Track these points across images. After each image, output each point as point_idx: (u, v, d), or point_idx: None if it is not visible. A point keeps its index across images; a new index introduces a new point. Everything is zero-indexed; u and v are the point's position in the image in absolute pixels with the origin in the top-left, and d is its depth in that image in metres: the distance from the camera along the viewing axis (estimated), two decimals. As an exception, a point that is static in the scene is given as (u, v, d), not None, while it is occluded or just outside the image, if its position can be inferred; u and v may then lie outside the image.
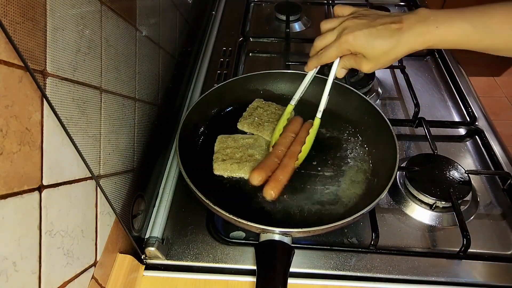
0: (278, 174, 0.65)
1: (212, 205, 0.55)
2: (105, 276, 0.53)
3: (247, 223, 0.53)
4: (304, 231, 0.53)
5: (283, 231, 0.53)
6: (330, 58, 0.60)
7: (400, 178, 0.73)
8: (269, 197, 0.63)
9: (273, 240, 0.53)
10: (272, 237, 0.53)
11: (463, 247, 0.61)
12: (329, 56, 0.60)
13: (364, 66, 0.58)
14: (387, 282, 0.60)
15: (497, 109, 2.37)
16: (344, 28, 0.57)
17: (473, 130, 0.84)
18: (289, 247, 0.53)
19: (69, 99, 0.41)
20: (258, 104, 0.80)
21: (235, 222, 0.54)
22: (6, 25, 0.32)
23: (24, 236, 0.35)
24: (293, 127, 0.73)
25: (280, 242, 0.53)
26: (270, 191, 0.63)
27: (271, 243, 0.53)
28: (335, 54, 0.59)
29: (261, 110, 0.78)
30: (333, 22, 0.60)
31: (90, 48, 0.45)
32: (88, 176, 0.46)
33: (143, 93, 0.63)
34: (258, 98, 0.81)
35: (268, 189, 0.63)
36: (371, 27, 0.54)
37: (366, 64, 0.57)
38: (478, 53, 0.54)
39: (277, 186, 0.63)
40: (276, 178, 0.64)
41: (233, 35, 1.12)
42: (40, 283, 0.38)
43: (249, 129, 0.75)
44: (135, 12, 0.59)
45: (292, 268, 0.52)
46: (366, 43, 0.54)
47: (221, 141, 0.72)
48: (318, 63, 0.63)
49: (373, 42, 0.54)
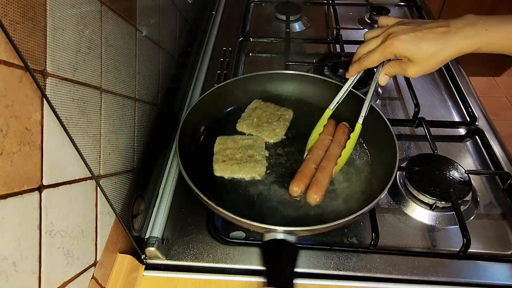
0: (319, 177, 0.64)
1: (215, 206, 0.55)
2: (105, 276, 0.53)
3: (251, 223, 0.53)
4: (308, 229, 0.53)
5: (287, 230, 0.53)
6: (373, 62, 0.60)
7: (400, 178, 0.73)
8: (314, 202, 0.63)
9: (278, 239, 0.53)
10: (276, 236, 0.53)
11: (463, 247, 0.61)
12: (373, 60, 0.60)
13: (410, 70, 0.57)
14: (387, 282, 0.60)
15: (497, 109, 2.37)
16: (389, 33, 0.57)
17: (473, 130, 0.84)
18: (294, 246, 0.53)
19: (69, 99, 0.41)
20: (257, 105, 0.80)
21: (238, 222, 0.54)
22: (6, 25, 0.32)
23: (24, 236, 0.35)
24: (329, 129, 0.72)
25: (285, 241, 0.53)
26: (314, 196, 0.62)
27: (276, 242, 0.53)
28: (378, 58, 0.59)
29: (260, 111, 0.78)
30: (377, 31, 0.60)
31: (90, 48, 0.45)
32: (88, 176, 0.46)
33: (143, 93, 0.63)
34: (257, 99, 0.81)
35: (311, 194, 0.63)
36: (417, 31, 0.55)
37: (412, 68, 0.57)
38: (478, 53, 0.54)
39: (320, 190, 0.63)
40: (318, 182, 0.63)
41: (233, 35, 1.12)
42: (40, 283, 0.38)
43: (248, 130, 0.75)
44: (135, 12, 0.59)
45: (292, 268, 0.52)
46: (412, 46, 0.55)
47: (221, 142, 0.72)
48: (360, 68, 0.63)
49: (420, 44, 0.54)
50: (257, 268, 0.62)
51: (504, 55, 0.54)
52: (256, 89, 0.82)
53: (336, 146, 0.69)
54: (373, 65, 0.61)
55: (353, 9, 1.26)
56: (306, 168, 0.66)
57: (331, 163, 0.66)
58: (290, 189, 0.64)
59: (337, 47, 1.07)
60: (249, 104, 0.80)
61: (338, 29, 1.09)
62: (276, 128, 0.75)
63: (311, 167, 0.66)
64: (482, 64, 2.29)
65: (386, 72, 0.62)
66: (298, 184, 0.64)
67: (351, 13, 1.24)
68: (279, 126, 0.75)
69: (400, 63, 0.59)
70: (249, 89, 0.81)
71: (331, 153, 0.68)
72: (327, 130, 0.72)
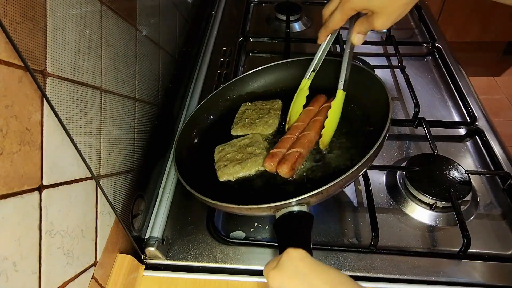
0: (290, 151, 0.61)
1: (219, 203, 0.54)
2: (105, 276, 0.53)
3: (258, 207, 0.51)
4: (317, 192, 0.50)
5: (297, 200, 0.50)
6: (337, 22, 0.58)
7: (400, 178, 0.73)
8: (283, 174, 0.60)
9: (290, 212, 0.51)
10: (287, 211, 0.51)
11: (463, 247, 0.61)
12: (336, 19, 0.58)
13: (376, 22, 0.54)
14: (387, 282, 0.60)
15: (497, 109, 2.37)
16: None
17: (473, 130, 0.84)
18: (308, 214, 0.51)
19: (69, 99, 0.41)
20: (245, 107, 0.80)
21: (247, 210, 0.52)
22: (6, 25, 0.32)
23: (24, 236, 0.35)
24: (316, 103, 0.69)
25: (298, 211, 0.51)
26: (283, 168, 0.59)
27: (290, 214, 0.51)
28: (340, 17, 0.57)
29: (249, 111, 0.78)
30: None
31: (90, 48, 0.45)
32: (88, 176, 0.46)
33: (143, 93, 0.63)
34: (244, 103, 0.81)
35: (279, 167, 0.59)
36: None
37: (378, 18, 0.53)
38: (478, 53, 0.54)
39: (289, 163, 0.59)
40: (291, 154, 0.60)
41: (233, 35, 1.12)
42: (40, 283, 0.38)
43: (243, 131, 0.75)
44: (135, 12, 0.59)
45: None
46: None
47: (219, 150, 0.72)
48: (326, 32, 0.62)
49: None
50: (257, 268, 0.62)
51: (504, 54, 0.53)
52: (239, 95, 0.82)
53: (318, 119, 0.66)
54: (338, 25, 0.59)
55: (353, 9, 1.26)
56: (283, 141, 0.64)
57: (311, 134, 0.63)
58: (265, 166, 0.62)
59: (337, 47, 1.08)
60: (238, 110, 0.80)
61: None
62: (268, 119, 0.75)
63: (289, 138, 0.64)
64: (482, 64, 2.29)
65: (357, 30, 0.59)
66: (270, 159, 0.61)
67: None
68: (271, 117, 0.75)
69: (366, 18, 0.56)
70: (232, 98, 0.81)
71: (311, 124, 0.65)
72: (315, 104, 0.69)
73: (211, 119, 0.80)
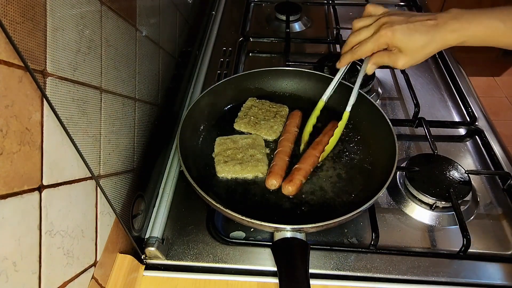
0: (296, 169, 0.65)
1: (223, 208, 0.55)
2: (105, 276, 0.53)
3: (260, 223, 0.53)
4: (317, 226, 0.53)
5: (297, 228, 0.53)
6: (366, 51, 0.61)
7: (400, 178, 0.73)
8: (286, 193, 0.64)
9: (287, 238, 0.53)
10: (285, 235, 0.54)
11: (463, 247, 0.61)
12: (366, 49, 0.60)
13: (399, 61, 0.58)
14: (387, 282, 0.60)
15: (497, 109, 2.37)
16: (382, 23, 0.58)
17: (473, 130, 0.84)
18: (305, 243, 0.53)
19: (69, 99, 0.41)
20: (252, 103, 0.80)
21: (248, 223, 0.55)
22: (6, 25, 0.31)
23: (24, 236, 0.35)
24: (294, 121, 0.74)
25: (295, 238, 0.53)
26: (288, 187, 0.63)
27: (286, 240, 0.53)
28: (371, 47, 0.60)
29: (255, 109, 0.79)
30: (367, 20, 0.61)
31: (90, 48, 0.45)
32: (88, 176, 0.46)
33: (143, 93, 0.63)
34: (251, 97, 0.81)
35: (285, 185, 0.63)
36: (409, 22, 0.56)
37: (402, 58, 0.58)
38: (478, 53, 0.56)
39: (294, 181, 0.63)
40: (293, 174, 0.64)
41: (233, 35, 1.12)
42: (40, 283, 0.38)
43: (246, 128, 0.75)
44: (135, 12, 0.59)
45: (292, 268, 0.52)
46: (405, 37, 0.56)
47: (220, 143, 0.72)
48: (352, 58, 0.64)
49: (412, 36, 0.56)
50: (257, 268, 0.62)
51: (504, 54, 0.55)
52: (249, 88, 0.83)
53: (324, 135, 0.71)
54: (367, 54, 0.62)
55: (353, 9, 1.26)
56: (281, 161, 0.67)
57: (314, 152, 0.68)
58: (267, 184, 0.65)
59: (337, 47, 1.08)
60: (244, 103, 0.80)
61: (338, 29, 1.09)
62: (273, 125, 0.75)
63: (284, 160, 0.68)
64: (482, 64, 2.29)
65: (374, 62, 0.62)
66: (274, 177, 0.65)
67: (351, 13, 1.24)
68: (276, 122, 0.76)
69: (389, 54, 0.59)
70: (241, 88, 0.82)
71: (317, 141, 0.70)
72: (293, 122, 0.74)
73: (217, 106, 0.80)
